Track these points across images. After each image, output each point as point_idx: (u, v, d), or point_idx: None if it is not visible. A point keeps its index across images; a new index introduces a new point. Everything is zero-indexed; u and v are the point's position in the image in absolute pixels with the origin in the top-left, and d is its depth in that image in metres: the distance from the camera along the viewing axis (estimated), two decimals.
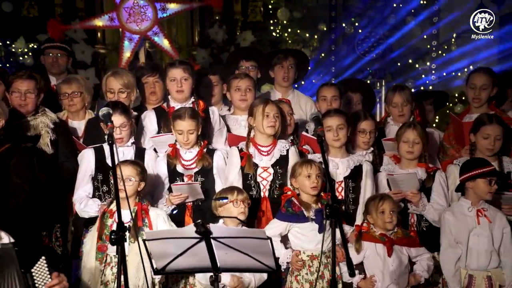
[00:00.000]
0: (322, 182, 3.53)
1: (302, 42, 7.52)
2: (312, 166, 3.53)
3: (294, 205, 3.56)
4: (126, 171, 3.46)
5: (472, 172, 3.52)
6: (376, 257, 3.52)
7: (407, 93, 4.21)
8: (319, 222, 3.47)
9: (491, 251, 3.49)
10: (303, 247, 3.55)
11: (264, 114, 3.76)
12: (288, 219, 3.56)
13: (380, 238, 3.53)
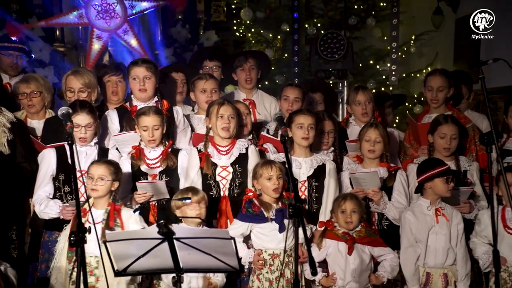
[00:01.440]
0: (284, 182, 3.54)
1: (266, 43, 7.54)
2: (273, 168, 3.53)
3: (254, 206, 3.57)
4: (99, 170, 3.42)
5: (429, 173, 3.59)
6: (338, 255, 3.55)
7: (370, 93, 4.28)
8: (279, 222, 3.49)
9: (448, 248, 3.56)
10: (265, 246, 3.55)
11: (218, 116, 3.75)
12: (248, 220, 3.56)
13: (342, 236, 3.57)
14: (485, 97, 3.25)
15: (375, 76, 7.50)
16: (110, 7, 5.06)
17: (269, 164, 3.57)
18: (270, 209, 3.54)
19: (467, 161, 3.93)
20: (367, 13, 7.47)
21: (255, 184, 3.61)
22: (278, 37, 7.59)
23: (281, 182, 3.53)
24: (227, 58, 5.02)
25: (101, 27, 5.09)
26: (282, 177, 3.53)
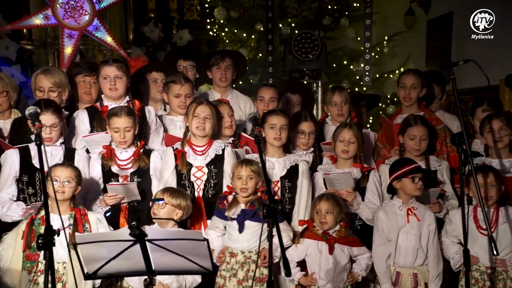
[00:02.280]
0: (255, 184, 3.55)
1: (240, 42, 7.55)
2: (243, 167, 3.54)
3: (222, 202, 3.59)
4: (65, 173, 3.37)
5: (397, 173, 3.64)
6: (318, 254, 3.58)
7: (346, 93, 4.31)
8: (240, 222, 3.50)
9: (418, 248, 3.60)
10: (228, 244, 3.58)
11: (194, 115, 3.75)
12: (218, 215, 3.60)
13: (323, 236, 3.59)
14: (456, 98, 3.29)
15: (349, 77, 7.58)
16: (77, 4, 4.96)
17: (241, 163, 3.58)
18: (236, 208, 3.55)
19: (437, 160, 4.00)
20: (341, 13, 7.55)
21: (232, 182, 3.62)
22: (252, 36, 7.61)
23: (252, 183, 3.53)
24: (201, 57, 5.00)
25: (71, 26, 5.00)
26: (253, 178, 3.53)
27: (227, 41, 7.41)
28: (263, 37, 7.33)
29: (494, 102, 4.29)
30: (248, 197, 3.55)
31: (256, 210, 3.52)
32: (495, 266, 3.53)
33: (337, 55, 7.68)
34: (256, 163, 3.64)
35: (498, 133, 3.83)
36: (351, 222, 3.82)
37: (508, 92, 5.21)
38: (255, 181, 3.54)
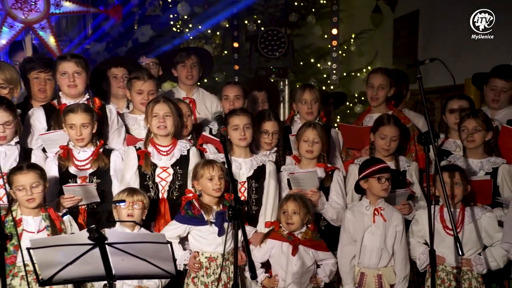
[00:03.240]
0: (225, 183, 3.54)
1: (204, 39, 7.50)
2: (215, 168, 3.53)
3: (194, 208, 3.55)
4: (29, 178, 3.31)
5: (364, 172, 3.68)
6: (281, 256, 3.59)
7: (317, 92, 4.32)
8: (219, 225, 3.49)
9: (382, 249, 3.64)
10: (202, 249, 3.55)
11: (152, 114, 3.72)
12: (187, 222, 3.55)
13: (287, 237, 3.60)
14: (423, 96, 3.33)
15: (316, 75, 7.64)
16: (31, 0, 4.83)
17: (211, 164, 3.56)
18: (211, 212, 3.53)
19: (406, 161, 4.04)
20: (307, 10, 7.61)
21: (195, 184, 3.59)
22: (217, 33, 7.58)
23: (223, 182, 3.53)
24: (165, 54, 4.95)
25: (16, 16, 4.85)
26: (223, 178, 3.53)
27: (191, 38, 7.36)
28: (229, 34, 7.32)
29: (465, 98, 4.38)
30: (221, 198, 3.54)
31: None
32: (460, 266, 3.60)
33: (304, 53, 7.73)
34: (220, 162, 3.63)
35: (471, 133, 3.88)
36: (315, 222, 3.84)
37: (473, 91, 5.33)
38: (225, 181, 3.54)
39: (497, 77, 4.41)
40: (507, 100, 4.42)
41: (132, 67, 4.45)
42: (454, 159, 3.96)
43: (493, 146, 3.98)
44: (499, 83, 4.39)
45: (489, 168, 3.88)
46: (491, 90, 4.42)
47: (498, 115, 4.41)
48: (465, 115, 3.97)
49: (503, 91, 4.39)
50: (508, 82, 4.38)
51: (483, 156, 3.94)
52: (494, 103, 4.42)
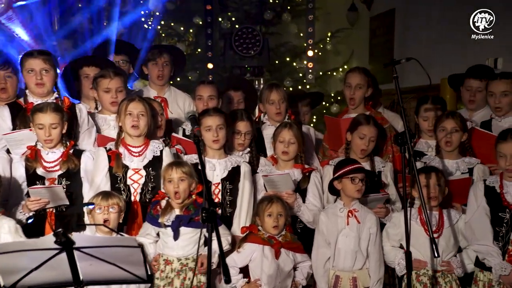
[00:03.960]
0: (188, 186, 3.50)
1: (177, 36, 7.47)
2: (174, 169, 3.50)
3: (155, 208, 3.54)
4: None
5: (337, 173, 3.70)
6: (263, 260, 3.58)
7: (283, 91, 4.32)
8: (174, 229, 3.46)
9: (357, 251, 3.66)
10: (163, 251, 3.54)
11: (126, 113, 3.68)
12: (150, 222, 3.55)
13: (268, 240, 3.60)
14: (399, 96, 3.36)
15: (292, 74, 7.66)
16: None
17: (171, 166, 3.53)
18: (170, 214, 3.51)
19: (382, 162, 4.06)
20: (283, 8, 7.63)
21: (164, 187, 3.57)
22: (190, 30, 7.55)
23: (183, 185, 3.49)
24: (135, 51, 4.90)
25: None
26: (185, 180, 3.49)
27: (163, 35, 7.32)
28: (202, 31, 7.29)
29: (438, 100, 4.44)
30: (182, 202, 3.51)
31: (191, 216, 3.49)
32: (442, 269, 3.62)
33: (279, 51, 7.74)
34: (188, 164, 3.60)
35: (449, 133, 3.91)
36: (292, 224, 3.83)
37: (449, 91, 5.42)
38: (187, 183, 3.50)
39: (472, 78, 4.46)
40: (483, 100, 4.48)
41: (105, 66, 4.40)
42: (429, 160, 3.99)
43: (467, 147, 4.03)
44: (474, 83, 4.45)
45: (465, 169, 3.92)
46: (467, 91, 4.48)
47: (475, 116, 4.47)
48: (443, 115, 4.00)
49: (479, 91, 4.44)
50: (482, 81, 4.43)
51: (458, 157, 3.98)
52: (470, 103, 4.48)
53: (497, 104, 4.16)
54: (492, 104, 4.22)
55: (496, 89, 4.17)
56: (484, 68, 4.61)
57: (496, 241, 3.54)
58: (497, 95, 4.16)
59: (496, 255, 3.50)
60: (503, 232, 3.52)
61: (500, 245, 3.53)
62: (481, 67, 4.61)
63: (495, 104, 4.17)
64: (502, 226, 3.52)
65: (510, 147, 3.50)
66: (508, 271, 3.46)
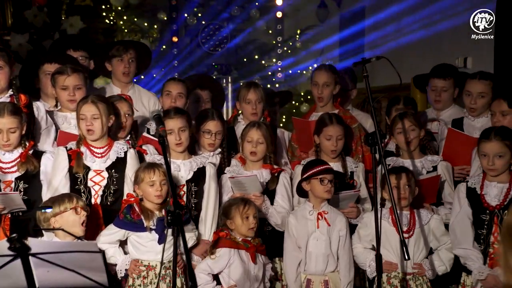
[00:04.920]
0: (168, 188, 3.49)
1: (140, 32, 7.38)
2: (156, 172, 3.48)
3: (133, 212, 3.49)
4: None
5: (306, 174, 3.71)
6: (241, 264, 3.57)
7: (261, 91, 4.32)
8: (159, 232, 3.44)
9: (328, 254, 3.68)
10: (140, 257, 3.50)
11: (80, 117, 3.64)
12: (125, 227, 3.49)
13: (243, 244, 3.59)
14: (369, 95, 3.40)
15: (260, 72, 7.67)
16: None
17: (152, 168, 3.50)
18: (152, 218, 3.48)
19: (354, 162, 4.10)
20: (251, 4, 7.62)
21: (136, 189, 3.53)
22: (154, 26, 7.47)
23: (165, 188, 3.48)
24: (96, 47, 4.83)
25: None
26: (166, 183, 3.48)
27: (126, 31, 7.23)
28: (167, 27, 7.23)
29: (409, 101, 4.51)
30: (163, 204, 3.49)
31: None
32: (413, 272, 3.66)
33: (247, 48, 7.74)
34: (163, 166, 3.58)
35: (408, 133, 3.96)
36: (259, 227, 3.83)
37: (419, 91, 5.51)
38: (167, 186, 3.49)
39: (436, 77, 4.53)
40: (449, 99, 4.56)
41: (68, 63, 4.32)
42: (393, 161, 4.04)
43: (426, 144, 4.09)
44: (439, 82, 4.51)
45: (429, 167, 3.98)
46: (432, 91, 4.53)
47: (442, 115, 4.55)
48: (396, 117, 4.04)
49: (444, 91, 4.51)
50: (447, 80, 4.51)
51: (421, 156, 4.04)
52: (437, 103, 4.55)
53: (473, 105, 4.22)
54: (467, 103, 4.27)
55: (474, 89, 4.22)
56: (448, 67, 4.66)
57: (478, 243, 3.58)
58: (473, 95, 4.21)
59: (476, 259, 3.54)
60: (484, 234, 3.57)
61: (481, 248, 3.57)
62: (445, 66, 4.67)
63: (471, 104, 4.23)
64: (483, 228, 3.57)
65: (493, 146, 3.54)
66: (485, 275, 3.50)
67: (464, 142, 4.05)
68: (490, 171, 3.59)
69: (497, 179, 3.59)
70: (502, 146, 3.53)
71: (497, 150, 3.53)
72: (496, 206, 3.56)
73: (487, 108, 4.21)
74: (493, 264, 3.52)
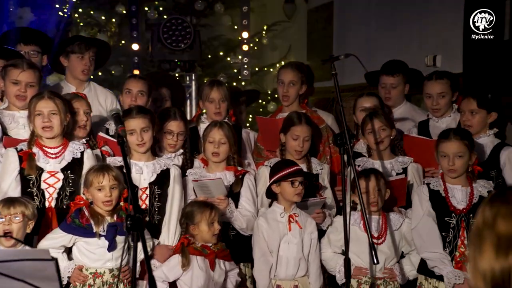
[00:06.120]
0: (119, 193, 3.44)
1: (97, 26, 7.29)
2: (105, 176, 3.42)
3: (82, 217, 3.43)
4: None
5: (276, 176, 3.70)
6: (199, 271, 3.54)
7: (225, 89, 4.30)
8: (110, 239, 3.40)
9: (300, 258, 3.70)
10: (87, 264, 3.45)
11: (35, 113, 3.57)
12: (73, 232, 3.43)
13: (202, 250, 3.57)
14: (338, 95, 3.42)
15: (225, 69, 7.67)
16: None
17: (101, 171, 3.44)
18: (102, 223, 3.43)
19: (319, 164, 4.11)
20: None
21: (85, 192, 3.48)
22: (112, 20, 7.39)
23: (116, 193, 3.43)
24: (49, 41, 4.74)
25: None
26: (117, 188, 3.43)
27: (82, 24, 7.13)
28: (126, 21, 7.15)
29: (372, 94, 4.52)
30: (113, 210, 3.44)
31: None
32: (384, 277, 3.69)
33: (212, 45, 7.73)
34: (117, 168, 3.53)
35: (378, 134, 3.99)
36: (223, 232, 3.83)
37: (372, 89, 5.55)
38: (119, 190, 3.44)
39: (384, 74, 4.62)
40: (399, 96, 4.63)
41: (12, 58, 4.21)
42: (363, 162, 4.07)
43: (397, 144, 4.13)
44: (388, 79, 4.61)
45: (399, 169, 4.02)
46: (382, 88, 4.63)
47: (395, 112, 4.63)
48: (366, 116, 4.06)
49: (393, 87, 4.61)
50: (395, 77, 4.60)
51: (391, 157, 4.06)
52: (387, 101, 4.62)
53: (435, 106, 4.30)
54: (429, 106, 4.35)
55: (433, 91, 4.30)
56: (397, 63, 4.74)
57: (444, 247, 3.62)
58: (434, 96, 4.29)
59: (448, 263, 3.58)
60: (451, 237, 3.61)
61: (447, 251, 3.61)
62: (394, 62, 4.75)
63: (433, 106, 4.31)
64: (449, 231, 3.62)
65: (453, 146, 3.60)
66: (462, 279, 3.52)
67: (422, 145, 4.11)
68: (450, 172, 3.64)
69: (459, 182, 3.66)
70: (461, 145, 3.60)
71: (456, 149, 3.59)
72: (463, 210, 3.62)
73: (450, 106, 4.31)
74: (459, 268, 3.57)
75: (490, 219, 1.54)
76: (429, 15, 5.87)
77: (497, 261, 1.49)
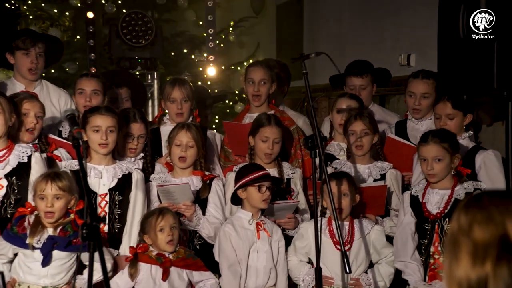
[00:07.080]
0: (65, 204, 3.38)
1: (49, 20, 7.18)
2: (48, 184, 3.35)
3: (20, 225, 3.38)
4: None
5: (242, 181, 3.71)
6: (150, 281, 3.52)
7: (188, 89, 4.28)
8: (45, 252, 3.33)
9: (270, 268, 3.71)
10: (21, 278, 3.38)
11: None
12: (10, 240, 3.38)
13: (156, 259, 3.54)
14: (309, 95, 3.44)
15: (190, 68, 7.64)
16: None
17: (45, 179, 3.38)
18: (40, 234, 3.36)
19: (291, 168, 4.11)
20: None
21: (33, 199, 3.43)
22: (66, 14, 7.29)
23: (59, 204, 3.36)
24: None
25: None
26: (62, 198, 3.37)
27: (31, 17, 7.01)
28: (82, 15, 7.07)
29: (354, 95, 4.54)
30: (55, 222, 3.38)
31: (70, 238, 3.36)
32: (350, 287, 3.70)
33: (175, 41, 7.70)
34: (67, 175, 3.48)
35: (359, 137, 3.99)
36: (189, 240, 3.83)
37: None
38: (64, 201, 3.38)
39: (352, 75, 4.61)
40: (368, 97, 4.64)
41: None
42: (340, 164, 4.09)
43: (378, 149, 4.15)
44: (356, 81, 4.59)
45: (377, 174, 4.04)
46: (351, 91, 4.57)
47: None
48: (351, 116, 4.06)
49: (362, 89, 4.59)
50: (364, 78, 4.59)
51: (370, 161, 4.08)
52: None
53: (417, 106, 4.29)
54: (410, 105, 4.34)
55: (417, 90, 4.29)
56: (364, 64, 4.73)
57: (420, 254, 3.65)
58: (417, 96, 4.28)
59: (413, 272, 3.62)
60: (425, 244, 3.64)
61: (423, 259, 3.64)
62: (360, 62, 4.74)
63: (414, 105, 4.30)
64: (426, 238, 3.65)
65: (431, 149, 3.63)
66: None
67: (403, 149, 4.14)
68: (430, 176, 3.68)
69: (439, 185, 3.69)
70: (440, 149, 3.62)
71: (434, 153, 3.62)
72: (436, 214, 3.64)
73: (431, 109, 4.32)
74: (433, 276, 3.62)
75: (466, 226, 1.54)
76: (403, 12, 5.94)
77: (474, 269, 1.50)
